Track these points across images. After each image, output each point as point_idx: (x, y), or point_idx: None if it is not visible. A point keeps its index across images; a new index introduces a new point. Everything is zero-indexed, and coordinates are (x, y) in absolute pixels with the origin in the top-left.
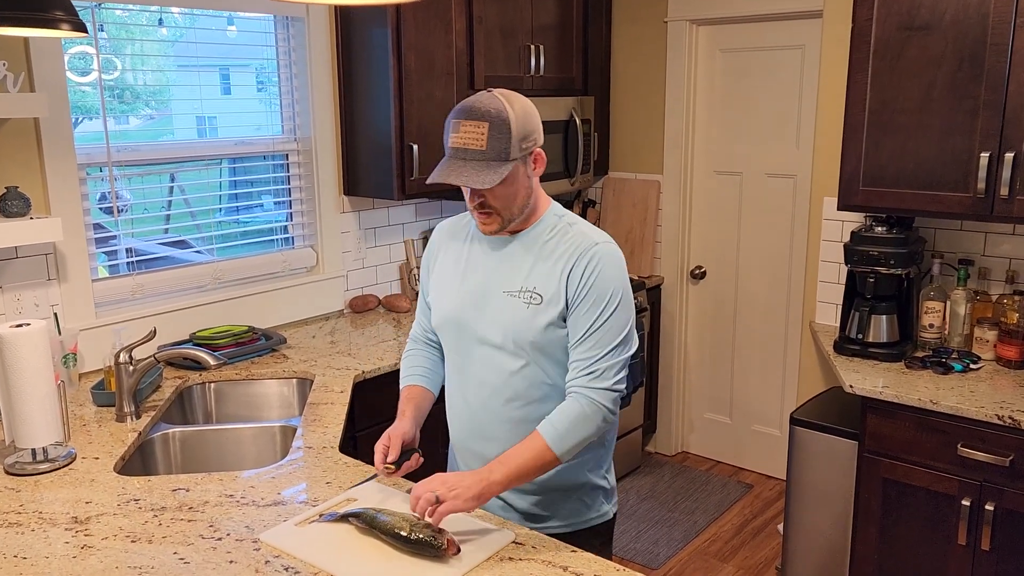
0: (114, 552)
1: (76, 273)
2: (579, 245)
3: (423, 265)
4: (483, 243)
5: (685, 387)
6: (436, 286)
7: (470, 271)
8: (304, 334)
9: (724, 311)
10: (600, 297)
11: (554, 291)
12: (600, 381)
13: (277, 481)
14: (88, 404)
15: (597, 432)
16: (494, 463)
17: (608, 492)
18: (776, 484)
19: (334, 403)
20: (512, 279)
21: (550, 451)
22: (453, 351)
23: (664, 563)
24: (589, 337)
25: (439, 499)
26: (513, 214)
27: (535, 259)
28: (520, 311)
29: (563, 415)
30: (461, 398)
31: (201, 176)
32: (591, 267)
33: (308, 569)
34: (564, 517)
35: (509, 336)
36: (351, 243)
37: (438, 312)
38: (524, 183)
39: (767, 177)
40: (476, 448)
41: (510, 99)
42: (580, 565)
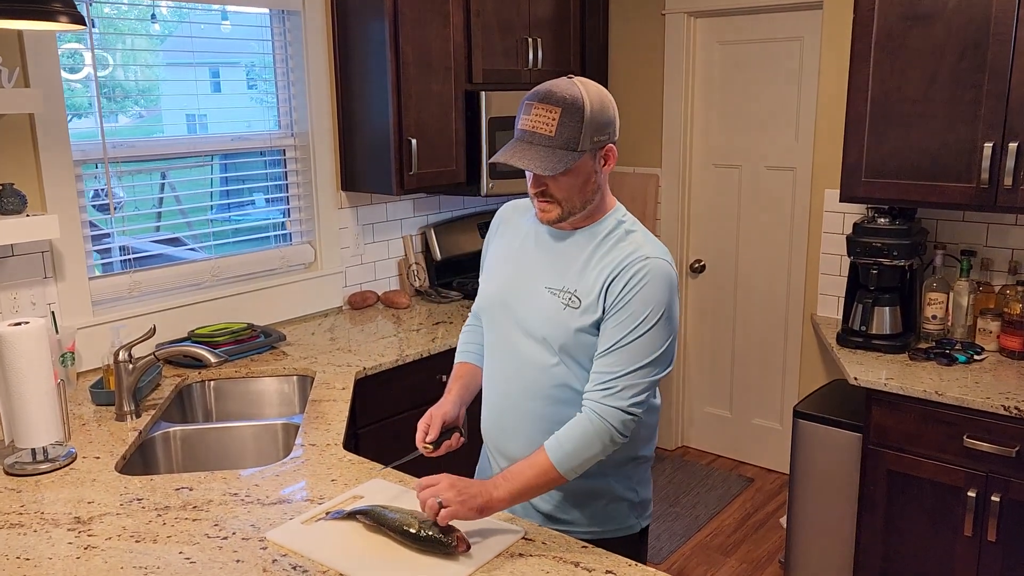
0: (118, 552)
1: (73, 271)
2: (628, 256)
3: (485, 241)
4: (540, 233)
5: (685, 381)
6: (490, 265)
7: (523, 256)
8: (303, 331)
9: (724, 305)
10: (636, 313)
11: (593, 298)
12: (614, 399)
13: (281, 479)
14: (87, 403)
15: (604, 452)
16: (500, 478)
17: (635, 505)
18: (777, 478)
19: (336, 400)
20: (557, 276)
21: (553, 469)
22: (491, 338)
23: (667, 557)
24: (615, 351)
25: (442, 504)
26: (575, 207)
27: (585, 261)
28: (556, 310)
29: (569, 432)
30: (492, 390)
31: (192, 175)
32: (634, 281)
33: (316, 567)
34: (586, 523)
35: (542, 331)
36: (349, 239)
37: (482, 295)
38: (591, 177)
39: (766, 170)
40: (500, 442)
41: (588, 88)
42: (591, 561)
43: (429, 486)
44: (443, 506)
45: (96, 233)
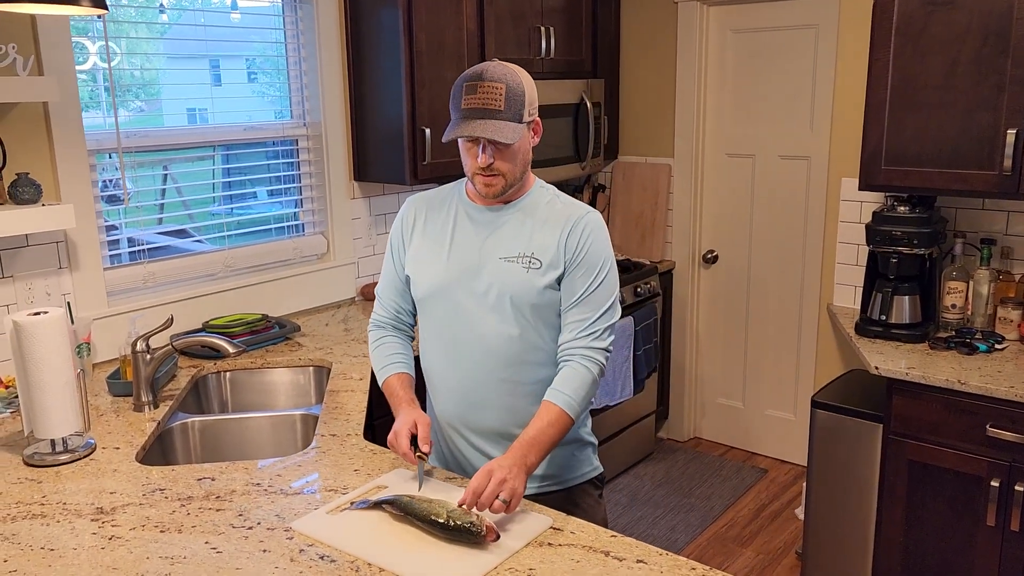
0: (143, 543)
1: (87, 261)
2: (572, 214)
3: (395, 240)
4: (472, 212)
5: (697, 373)
6: (417, 258)
7: (460, 239)
8: (317, 322)
9: (736, 296)
10: (595, 261)
11: (553, 255)
12: (599, 341)
13: (303, 469)
14: (103, 394)
15: (596, 391)
16: (524, 446)
17: (595, 447)
18: (791, 469)
19: (354, 391)
20: (509, 245)
21: (570, 420)
22: (441, 323)
23: (683, 548)
24: (584, 299)
25: (506, 501)
26: (515, 178)
27: (532, 227)
28: (519, 275)
29: (571, 380)
30: (452, 370)
31: (195, 167)
32: (586, 233)
33: (344, 557)
34: (565, 473)
35: (506, 301)
36: (362, 230)
37: (423, 283)
38: (527, 149)
39: (780, 159)
40: (471, 419)
41: (516, 69)
42: (622, 549)
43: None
44: (507, 502)
45: (104, 224)
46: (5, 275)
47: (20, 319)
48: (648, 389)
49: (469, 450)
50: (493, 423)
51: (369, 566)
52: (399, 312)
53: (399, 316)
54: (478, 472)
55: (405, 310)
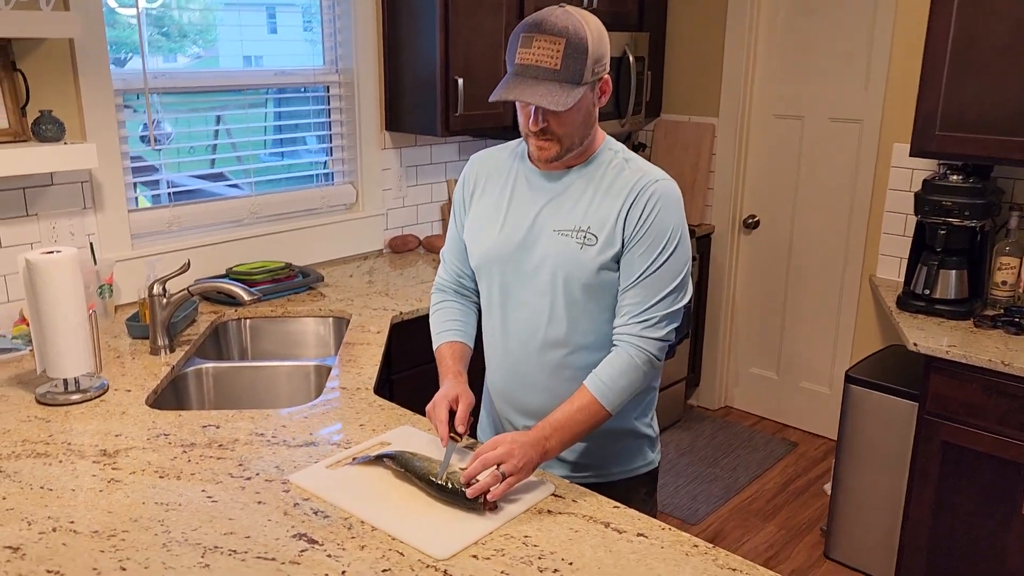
0: (141, 487)
1: (112, 203)
2: (638, 182)
3: (457, 201)
4: (531, 177)
5: (731, 340)
6: (475, 223)
7: (516, 207)
8: (342, 273)
9: (777, 263)
10: (658, 239)
11: (610, 231)
12: (652, 330)
13: (309, 421)
14: (123, 336)
15: (645, 382)
16: (547, 428)
17: (652, 440)
18: (822, 443)
19: (370, 344)
20: (565, 217)
21: (602, 408)
22: (494, 294)
23: (703, 519)
24: (643, 281)
25: (504, 473)
26: (574, 143)
27: (592, 196)
28: (572, 251)
29: (611, 367)
30: (502, 345)
31: (247, 115)
32: (650, 205)
33: (338, 513)
34: (610, 465)
35: (559, 278)
36: (392, 181)
37: (478, 251)
38: (589, 111)
39: (831, 122)
40: (516, 397)
41: (585, 17)
42: (623, 521)
43: (489, 453)
44: (505, 475)
45: (141, 165)
46: (29, 213)
47: (33, 257)
48: (679, 355)
49: (511, 429)
50: (536, 404)
51: (362, 524)
52: (461, 276)
53: (461, 281)
54: (491, 439)
55: (467, 275)
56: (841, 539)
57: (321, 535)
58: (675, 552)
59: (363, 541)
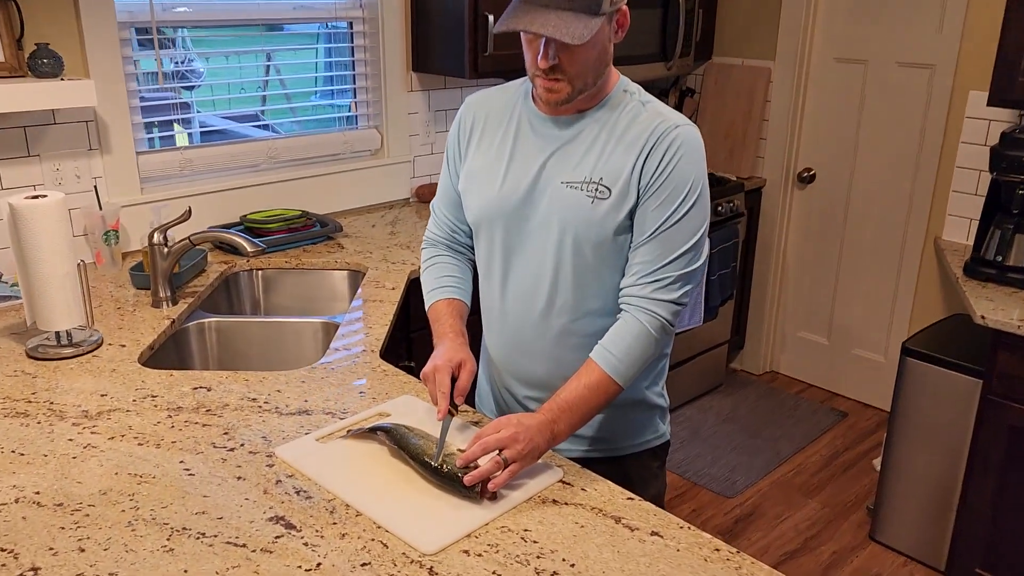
0: (117, 455)
1: (119, 144)
2: (656, 128)
3: (451, 146)
4: (536, 122)
5: (780, 302)
6: (472, 174)
7: (519, 155)
8: (363, 222)
9: (832, 220)
10: (676, 190)
11: (624, 183)
12: (665, 292)
13: (306, 387)
14: (128, 285)
15: (658, 351)
16: (555, 409)
17: (663, 411)
18: (874, 414)
19: (383, 301)
20: (574, 167)
21: (613, 384)
22: (494, 253)
23: (740, 492)
24: (657, 237)
25: (507, 460)
26: (587, 83)
27: (604, 144)
28: (582, 207)
29: (621, 337)
30: (501, 309)
31: (297, 57)
32: (670, 153)
33: (321, 494)
34: (619, 439)
35: (567, 236)
36: (419, 125)
37: (475, 205)
38: (605, 47)
39: (898, 67)
40: (518, 366)
41: None
42: (636, 517)
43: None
44: (507, 461)
45: (175, 101)
46: (31, 154)
47: (16, 203)
48: (723, 317)
49: (514, 403)
50: (540, 373)
51: (346, 508)
52: (455, 231)
53: (455, 236)
54: (494, 421)
55: (462, 230)
56: (889, 521)
57: (300, 519)
58: (692, 557)
59: (345, 528)
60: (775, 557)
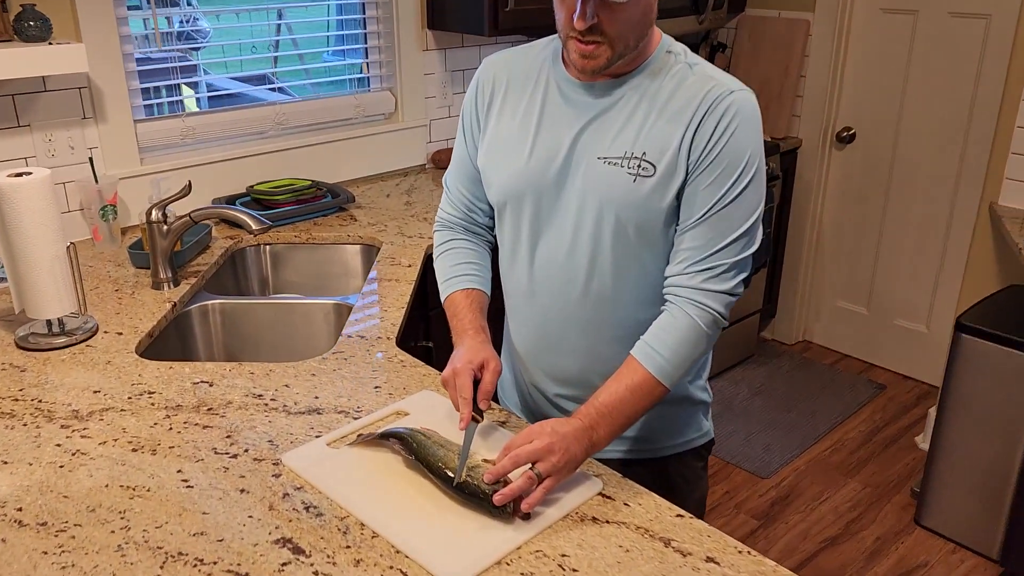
0: (108, 464)
1: (115, 112)
2: (708, 94)
3: (467, 113)
4: (567, 87)
5: (815, 269)
6: (494, 147)
7: (548, 126)
8: (378, 191)
9: (874, 183)
10: (731, 166)
11: (672, 158)
12: (717, 282)
13: (317, 380)
14: (127, 265)
15: (708, 348)
16: (592, 414)
17: (707, 407)
18: (914, 387)
19: (399, 280)
20: (613, 140)
21: (659, 386)
22: (518, 235)
23: (776, 472)
24: (708, 219)
25: (540, 475)
26: (628, 46)
27: (647, 113)
28: (623, 186)
29: (668, 334)
30: (529, 299)
31: (308, 14)
32: (724, 123)
33: (334, 511)
34: (661, 439)
35: (605, 219)
36: (435, 87)
37: (498, 182)
38: (650, 3)
39: (950, 17)
40: (548, 362)
41: None
42: (687, 538)
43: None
44: (541, 476)
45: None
46: (21, 123)
47: None
48: (754, 284)
49: (544, 402)
50: (573, 370)
51: (361, 528)
52: (472, 210)
53: (472, 216)
54: (524, 430)
55: (480, 209)
56: (937, 505)
57: (309, 541)
58: None
59: (359, 553)
60: (815, 543)
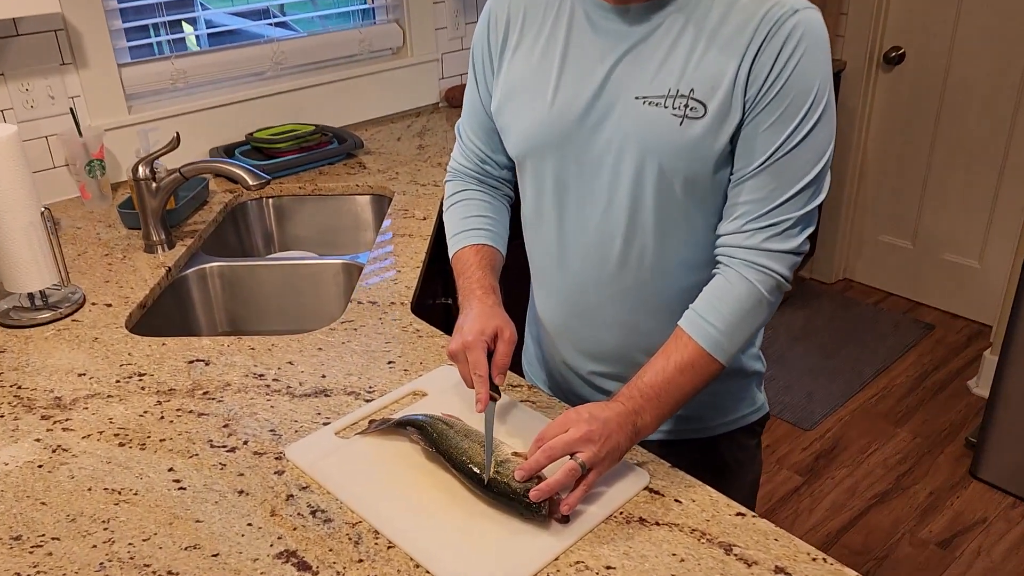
0: (93, 461)
1: (97, 56)
2: (767, 15)
3: (478, 52)
4: (597, 15)
5: (857, 202)
6: (511, 90)
7: (575, 61)
8: (387, 135)
9: (925, 108)
10: (797, 101)
11: (725, 95)
12: (780, 240)
13: (324, 356)
14: (119, 225)
15: (770, 317)
16: (637, 397)
17: (760, 378)
18: (965, 326)
19: (413, 235)
20: (653, 77)
21: (713, 362)
22: (543, 192)
23: (819, 423)
24: (769, 167)
25: (584, 465)
26: None
27: (693, 42)
28: (668, 130)
29: (722, 302)
30: (558, 264)
31: None
32: (788, 50)
33: (343, 516)
34: (711, 416)
35: (647, 168)
36: (446, 17)
37: (518, 132)
38: None
39: None
40: (581, 336)
41: None
42: (751, 542)
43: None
44: (584, 468)
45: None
46: None
47: None
48: None
49: (577, 381)
50: (610, 345)
51: (375, 537)
52: (485, 161)
53: (485, 167)
54: (559, 417)
55: (494, 160)
56: (996, 456)
57: (316, 554)
58: None
59: (374, 567)
60: (863, 500)
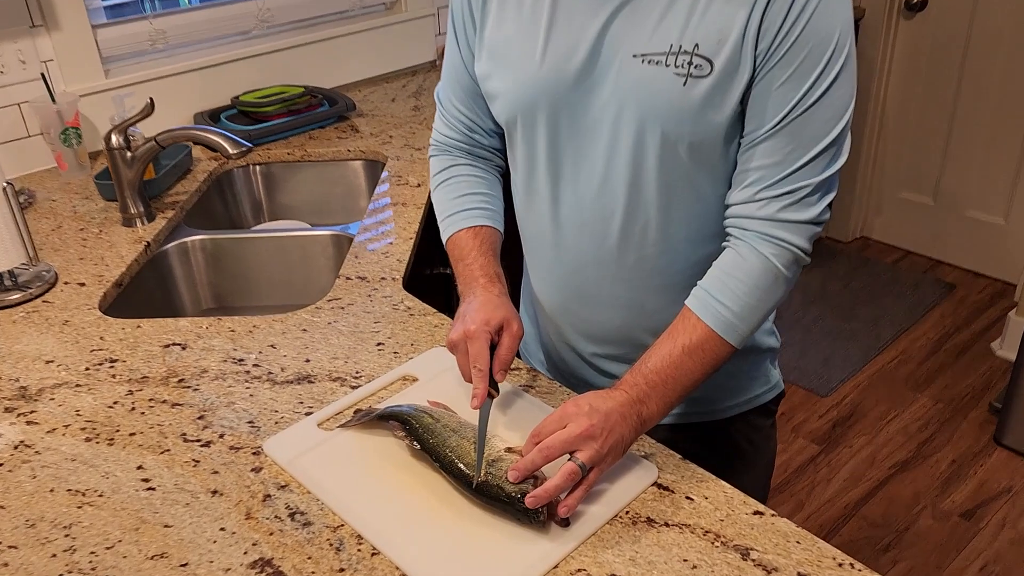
0: (56, 459)
1: (70, 15)
2: None
3: (459, 9)
4: None
5: (876, 157)
6: (496, 49)
7: (564, 16)
8: (381, 95)
9: (947, 58)
10: (815, 53)
11: (733, 50)
12: (797, 209)
13: (308, 337)
14: (96, 197)
15: (787, 293)
16: (641, 384)
17: (775, 353)
18: (987, 284)
19: (407, 204)
20: (652, 32)
21: (724, 344)
22: (534, 161)
23: (836, 388)
24: (784, 128)
25: (584, 466)
26: None
27: None
28: (670, 90)
29: (734, 279)
30: (552, 240)
31: None
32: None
33: (324, 519)
34: (723, 398)
35: (648, 133)
36: None
37: (505, 97)
38: None
39: None
40: (579, 316)
41: None
42: (770, 545)
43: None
44: (585, 469)
45: None
46: None
47: None
48: None
49: (578, 362)
50: (611, 325)
51: (359, 543)
52: (472, 129)
53: (473, 136)
54: (557, 410)
55: (483, 129)
56: (1021, 422)
57: (294, 562)
58: None
59: None
60: (884, 470)
